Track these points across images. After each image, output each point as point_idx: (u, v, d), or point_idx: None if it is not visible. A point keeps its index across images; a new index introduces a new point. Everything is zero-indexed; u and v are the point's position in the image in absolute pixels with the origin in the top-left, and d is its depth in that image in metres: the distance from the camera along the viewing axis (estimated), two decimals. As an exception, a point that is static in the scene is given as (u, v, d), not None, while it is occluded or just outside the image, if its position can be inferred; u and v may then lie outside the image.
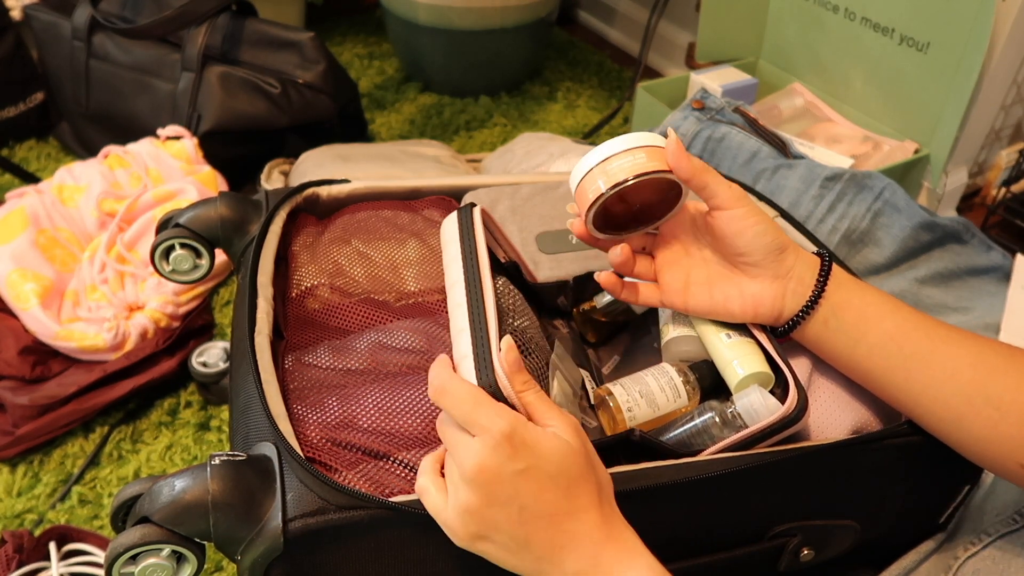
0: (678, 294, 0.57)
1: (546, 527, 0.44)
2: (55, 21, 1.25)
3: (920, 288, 0.93)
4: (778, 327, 0.56)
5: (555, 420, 0.46)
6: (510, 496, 0.43)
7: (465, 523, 0.44)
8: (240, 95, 1.15)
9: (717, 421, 0.54)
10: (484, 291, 0.51)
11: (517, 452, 0.43)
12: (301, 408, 0.54)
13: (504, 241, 0.65)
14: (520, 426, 0.44)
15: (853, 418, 0.57)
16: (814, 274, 0.54)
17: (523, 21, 1.45)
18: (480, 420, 0.44)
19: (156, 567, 0.47)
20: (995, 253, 0.95)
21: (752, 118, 1.06)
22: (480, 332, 0.49)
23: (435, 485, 0.46)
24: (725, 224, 0.53)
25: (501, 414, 0.44)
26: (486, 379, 0.46)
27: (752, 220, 0.53)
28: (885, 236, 0.93)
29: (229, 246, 0.70)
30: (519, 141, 1.18)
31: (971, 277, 0.95)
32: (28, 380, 0.92)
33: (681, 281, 0.57)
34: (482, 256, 0.54)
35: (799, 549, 0.59)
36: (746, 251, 0.53)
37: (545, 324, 0.68)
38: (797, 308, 0.54)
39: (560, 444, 0.44)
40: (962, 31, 0.99)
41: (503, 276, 0.63)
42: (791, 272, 0.54)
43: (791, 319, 0.55)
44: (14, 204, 1.06)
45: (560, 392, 0.58)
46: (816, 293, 0.54)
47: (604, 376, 0.68)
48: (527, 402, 0.46)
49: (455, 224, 0.58)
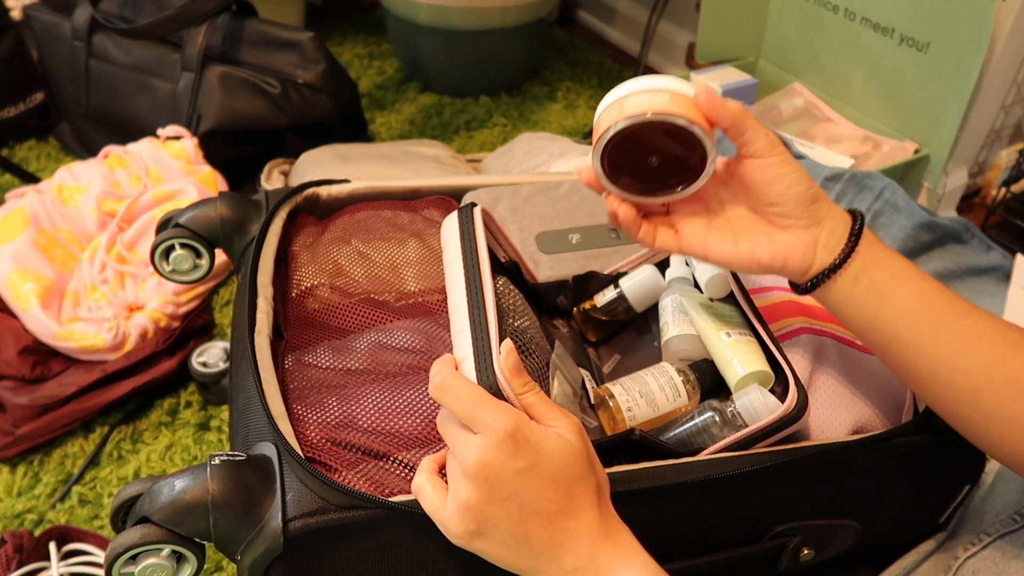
0: (698, 239, 0.53)
1: (545, 525, 0.44)
2: (55, 21, 1.25)
3: (920, 288, 0.93)
4: (804, 282, 0.52)
5: (557, 420, 0.46)
6: (511, 493, 0.43)
7: (464, 519, 0.44)
8: (240, 95, 1.15)
9: (717, 420, 0.54)
10: (484, 291, 0.51)
11: (520, 449, 0.43)
12: (301, 408, 0.54)
13: (504, 241, 0.65)
14: (523, 424, 0.44)
15: (853, 418, 0.57)
16: (846, 228, 0.51)
17: (523, 21, 1.45)
18: (483, 417, 0.43)
19: (156, 567, 0.47)
20: (995, 253, 0.95)
21: (752, 118, 1.06)
22: (480, 333, 0.49)
23: (431, 484, 0.46)
24: (758, 172, 0.50)
25: (504, 411, 0.44)
26: (487, 380, 0.46)
27: (787, 168, 0.50)
28: (885, 236, 0.93)
29: (229, 246, 0.70)
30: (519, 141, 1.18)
31: (971, 277, 0.95)
32: (28, 380, 0.92)
33: (702, 227, 0.54)
34: (482, 256, 0.54)
35: (799, 549, 0.59)
36: (779, 200, 0.50)
37: (545, 324, 0.68)
38: (828, 261, 0.51)
39: (562, 443, 0.44)
40: (962, 31, 0.99)
41: (503, 276, 0.63)
42: (824, 223, 0.51)
43: (821, 272, 0.51)
44: (14, 204, 1.06)
45: (560, 392, 0.58)
46: (850, 245, 0.50)
47: (604, 375, 0.68)
48: (528, 403, 0.46)
49: (455, 224, 0.58)
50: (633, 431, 0.52)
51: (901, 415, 0.59)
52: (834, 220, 0.51)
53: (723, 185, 0.53)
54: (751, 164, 0.50)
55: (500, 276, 0.62)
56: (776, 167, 0.50)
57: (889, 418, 0.58)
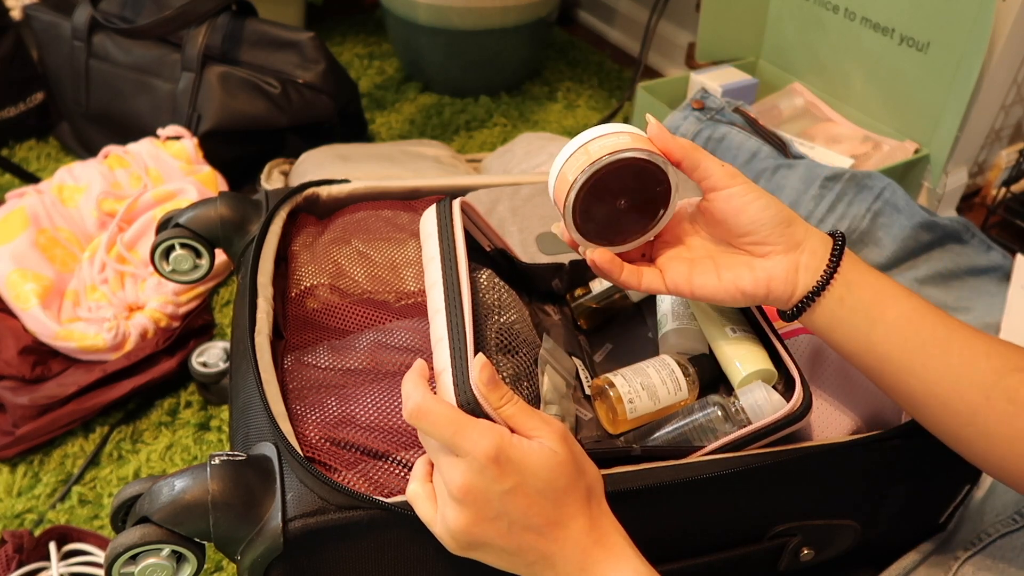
0: (683, 277, 0.53)
1: (536, 538, 0.44)
2: (55, 21, 1.25)
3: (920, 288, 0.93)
4: (790, 308, 0.52)
5: (540, 429, 0.45)
6: (499, 513, 0.43)
7: (455, 537, 0.44)
8: (240, 95, 1.15)
9: (720, 416, 0.54)
10: (463, 299, 0.50)
11: (503, 472, 0.42)
12: (300, 408, 0.54)
13: (488, 228, 0.64)
14: (505, 444, 0.43)
15: (853, 418, 0.57)
16: (827, 249, 0.51)
17: (523, 21, 1.45)
18: (463, 444, 0.43)
19: (156, 567, 0.47)
20: (995, 253, 0.95)
21: (752, 118, 1.06)
22: (458, 343, 0.48)
23: (424, 492, 0.46)
24: (724, 204, 0.51)
25: (484, 434, 0.43)
26: (464, 396, 0.45)
27: (752, 195, 0.50)
28: (885, 236, 0.93)
29: (229, 246, 0.70)
30: (519, 141, 1.18)
31: (971, 277, 0.95)
32: (28, 380, 0.92)
33: (686, 266, 0.54)
34: (461, 260, 0.53)
35: (799, 549, 0.59)
36: (751, 228, 0.51)
37: (536, 311, 0.68)
38: (811, 283, 0.51)
39: (547, 456, 0.44)
40: (962, 31, 0.99)
41: (488, 269, 0.62)
42: (803, 244, 0.51)
43: (805, 296, 0.51)
44: (14, 204, 1.06)
45: (552, 386, 0.58)
46: (832, 265, 0.50)
47: (596, 363, 0.67)
48: (508, 415, 0.45)
49: (434, 219, 0.56)
50: (633, 447, 0.52)
51: (901, 415, 0.59)
52: (814, 242, 0.51)
53: (697, 224, 0.55)
54: (716, 197, 0.51)
55: (484, 269, 0.61)
56: (740, 195, 0.50)
57: (889, 418, 0.58)
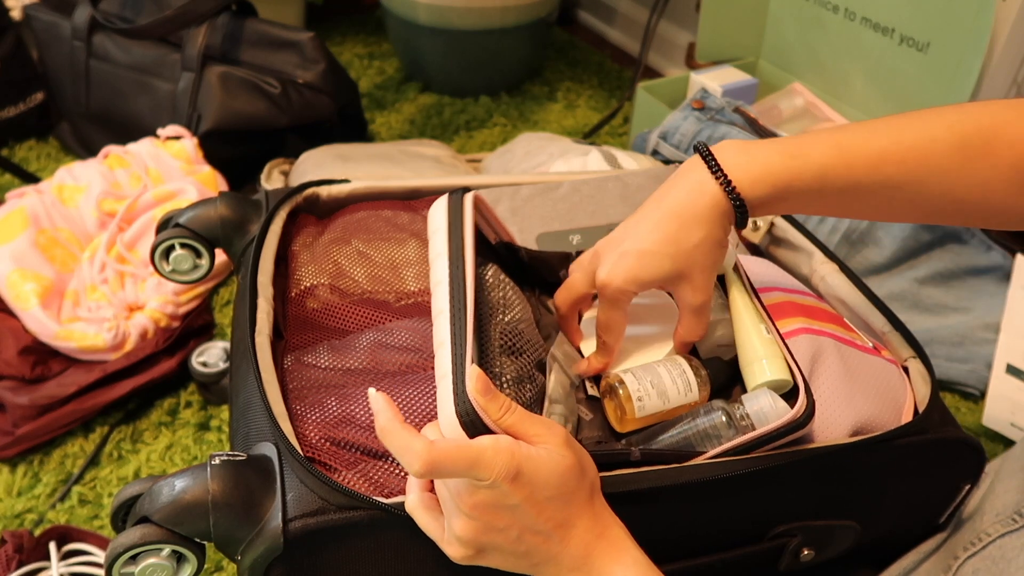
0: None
1: (544, 540, 0.44)
2: (55, 21, 1.25)
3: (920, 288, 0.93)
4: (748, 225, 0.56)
5: (543, 436, 0.45)
6: (509, 523, 0.43)
7: (462, 547, 0.44)
8: (240, 95, 1.15)
9: (723, 421, 0.53)
10: (468, 303, 0.50)
11: (516, 486, 0.42)
12: (300, 408, 0.54)
13: (495, 220, 0.64)
14: (518, 460, 0.42)
15: (853, 419, 0.57)
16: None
17: (523, 21, 1.45)
18: (480, 474, 0.42)
19: (156, 567, 0.47)
20: (995, 253, 0.95)
21: (752, 118, 1.06)
22: (460, 351, 0.47)
23: (424, 504, 0.46)
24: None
25: (497, 456, 0.42)
26: (463, 406, 0.45)
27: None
28: (885, 236, 0.93)
29: (229, 246, 0.70)
30: (519, 141, 1.18)
31: (971, 277, 0.95)
32: (28, 380, 0.92)
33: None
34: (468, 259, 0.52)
35: (799, 549, 0.59)
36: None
37: (539, 306, 0.67)
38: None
39: (554, 464, 0.44)
40: (962, 31, 0.99)
41: (494, 264, 0.62)
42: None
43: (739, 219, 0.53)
44: (14, 204, 1.06)
45: (558, 385, 0.58)
46: (723, 181, 0.51)
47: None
48: (508, 425, 0.45)
49: (444, 212, 0.56)
50: (632, 451, 0.52)
51: (900, 415, 0.59)
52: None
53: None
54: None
55: (490, 265, 0.61)
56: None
57: (888, 419, 0.58)
